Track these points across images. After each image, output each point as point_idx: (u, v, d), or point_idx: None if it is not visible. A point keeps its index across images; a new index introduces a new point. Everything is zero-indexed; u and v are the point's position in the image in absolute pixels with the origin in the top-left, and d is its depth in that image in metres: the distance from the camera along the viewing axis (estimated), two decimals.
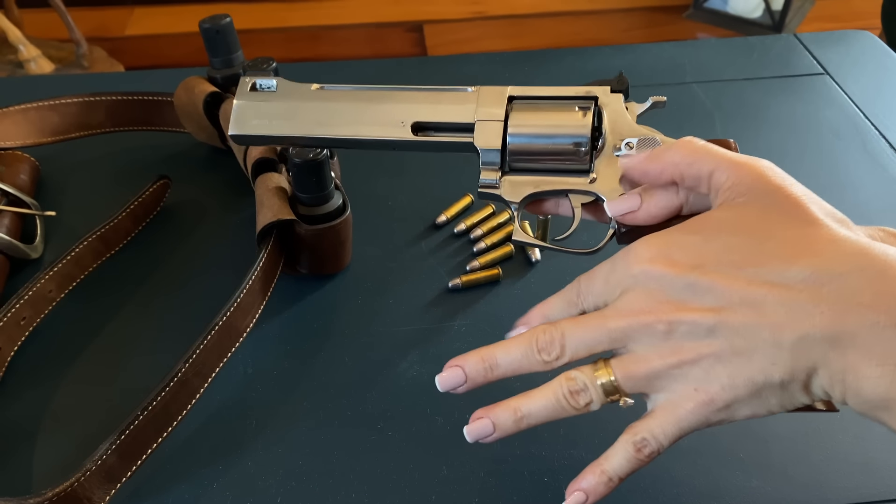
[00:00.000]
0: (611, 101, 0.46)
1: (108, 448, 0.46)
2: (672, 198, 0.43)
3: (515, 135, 0.46)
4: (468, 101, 0.47)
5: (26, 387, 0.55)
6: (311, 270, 0.62)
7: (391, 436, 0.52)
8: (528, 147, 0.46)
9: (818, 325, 0.34)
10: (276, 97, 0.50)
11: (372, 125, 0.48)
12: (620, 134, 0.45)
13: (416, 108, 0.48)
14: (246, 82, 0.50)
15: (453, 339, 0.58)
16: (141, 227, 0.67)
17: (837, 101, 0.82)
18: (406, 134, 0.48)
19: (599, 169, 0.45)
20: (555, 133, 0.45)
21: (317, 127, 0.49)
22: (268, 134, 0.49)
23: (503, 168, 0.47)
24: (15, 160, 0.69)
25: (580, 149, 0.45)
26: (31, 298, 0.57)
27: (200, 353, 0.51)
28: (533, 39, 2.32)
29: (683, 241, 0.39)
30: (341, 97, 0.49)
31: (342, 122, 0.49)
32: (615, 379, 0.40)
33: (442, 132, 0.48)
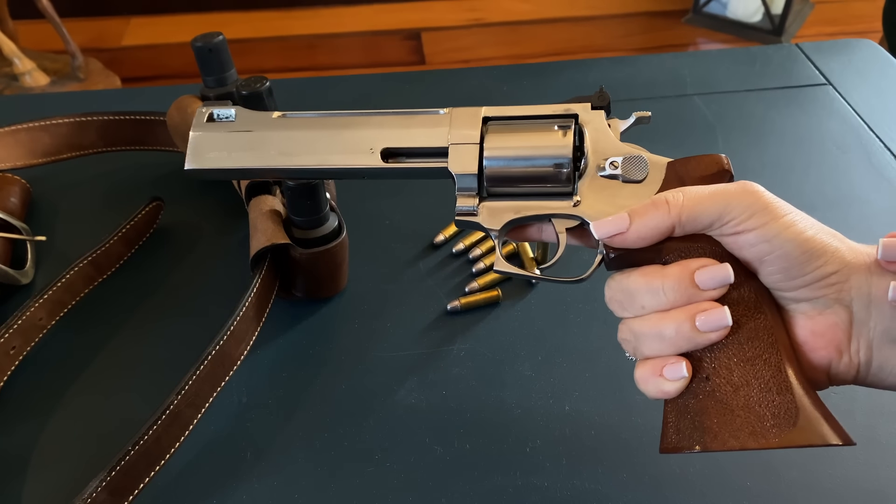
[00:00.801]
0: (592, 118, 0.44)
1: (99, 485, 0.44)
2: (663, 218, 0.40)
3: (492, 158, 0.43)
4: (440, 124, 0.45)
5: (16, 420, 0.53)
6: (306, 294, 0.61)
7: (389, 467, 0.50)
8: (507, 171, 0.43)
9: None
10: (235, 127, 0.47)
11: (339, 153, 0.46)
12: (604, 153, 0.43)
13: (386, 133, 0.45)
14: (203, 113, 0.48)
15: (452, 364, 0.57)
16: (133, 251, 0.66)
17: (841, 113, 0.81)
18: (376, 161, 0.45)
19: (583, 191, 0.43)
20: (534, 155, 0.43)
21: (280, 157, 0.46)
22: (227, 167, 0.47)
23: (481, 193, 0.44)
24: (5, 183, 0.68)
25: (562, 170, 0.43)
26: (20, 327, 0.55)
27: (193, 383, 0.49)
28: (531, 46, 2.31)
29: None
30: (305, 125, 0.47)
31: (307, 151, 0.46)
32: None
33: (414, 158, 0.45)
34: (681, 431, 0.39)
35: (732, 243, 0.39)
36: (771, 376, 0.37)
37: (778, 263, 0.37)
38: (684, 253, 0.39)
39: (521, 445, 0.51)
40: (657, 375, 0.39)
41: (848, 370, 0.38)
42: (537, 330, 0.59)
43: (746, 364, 0.38)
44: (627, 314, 0.41)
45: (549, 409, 0.53)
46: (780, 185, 0.40)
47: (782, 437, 0.36)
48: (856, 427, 0.51)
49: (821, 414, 0.36)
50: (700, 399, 0.38)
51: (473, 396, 0.54)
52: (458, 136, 0.44)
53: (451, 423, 0.53)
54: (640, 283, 0.40)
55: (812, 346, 0.38)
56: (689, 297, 0.38)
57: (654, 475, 0.49)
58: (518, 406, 0.54)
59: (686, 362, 0.38)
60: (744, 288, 0.38)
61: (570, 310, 0.60)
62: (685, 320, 0.38)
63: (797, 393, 0.37)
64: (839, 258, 0.37)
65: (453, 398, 0.54)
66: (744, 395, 0.37)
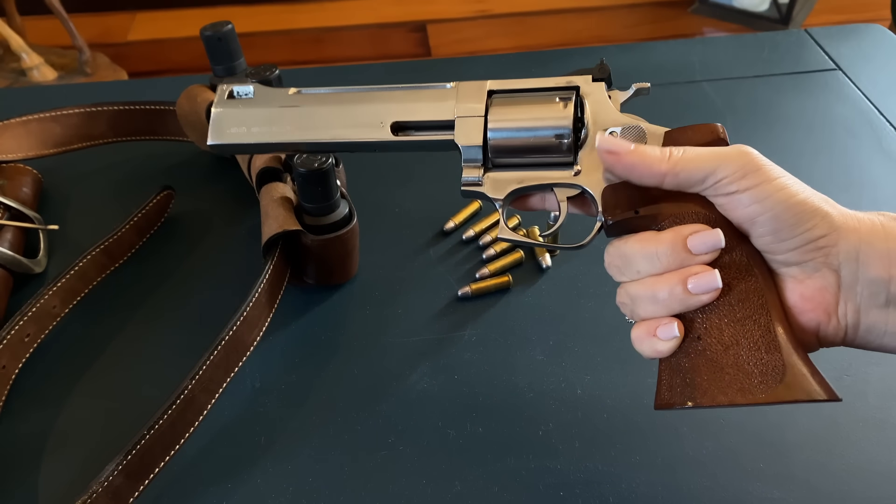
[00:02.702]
0: (593, 90, 0.45)
1: (115, 469, 0.45)
2: (660, 160, 0.40)
3: (496, 129, 0.45)
4: (447, 97, 0.46)
5: (32, 406, 0.54)
6: (317, 281, 0.61)
7: (402, 451, 0.51)
8: (510, 142, 0.45)
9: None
10: (254, 103, 0.48)
11: (351, 127, 0.47)
12: (604, 123, 0.44)
13: (395, 107, 0.47)
14: (224, 90, 0.49)
15: (464, 350, 0.57)
16: (145, 239, 0.66)
17: (851, 98, 0.80)
18: (386, 134, 0.47)
19: (584, 161, 0.44)
20: (536, 126, 0.44)
21: (296, 132, 0.48)
22: (247, 142, 0.48)
23: (486, 165, 0.46)
24: (17, 173, 0.68)
25: (562, 141, 0.44)
26: (35, 315, 0.56)
27: (207, 368, 0.50)
28: (537, 37, 2.30)
29: None
30: (319, 100, 0.48)
31: (321, 126, 0.47)
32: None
33: (422, 131, 0.47)
34: (673, 389, 0.40)
35: (726, 204, 0.39)
36: (760, 336, 0.38)
37: (768, 225, 0.38)
38: (679, 220, 0.40)
39: (533, 429, 0.51)
40: (651, 335, 0.40)
41: (836, 332, 0.39)
42: (548, 315, 0.59)
43: (736, 324, 0.39)
44: (625, 278, 0.42)
45: (561, 392, 0.53)
46: (790, 171, 0.40)
47: (769, 394, 0.37)
48: (868, 409, 0.51)
49: (808, 371, 0.37)
50: (692, 357, 0.40)
51: (485, 381, 0.54)
52: (464, 109, 0.46)
53: (464, 407, 0.53)
54: (636, 249, 0.41)
55: (801, 308, 0.39)
56: (681, 261, 0.40)
57: (667, 457, 0.49)
58: (530, 390, 0.54)
59: (678, 323, 0.40)
60: (735, 252, 0.40)
61: (582, 294, 0.60)
62: (678, 283, 0.39)
63: (785, 351, 0.38)
64: (829, 222, 0.37)
65: (465, 383, 0.54)
66: (733, 354, 0.39)
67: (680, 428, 0.51)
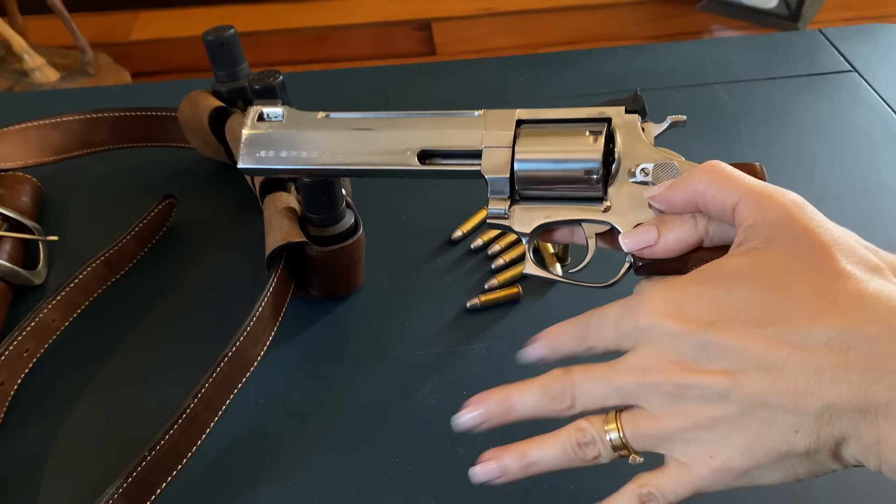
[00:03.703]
0: (625, 122, 0.43)
1: (115, 492, 0.43)
2: (691, 231, 0.39)
3: (523, 160, 0.44)
4: (475, 125, 0.46)
5: (30, 424, 0.53)
6: (322, 293, 0.60)
7: (410, 470, 0.49)
8: (537, 174, 0.43)
9: (845, 393, 0.31)
10: (283, 126, 0.49)
11: (378, 154, 0.47)
12: (636, 158, 0.42)
13: (422, 134, 0.46)
14: (254, 111, 0.49)
15: (472, 364, 0.55)
16: (146, 249, 0.65)
17: (867, 100, 0.79)
18: (412, 162, 0.46)
19: (613, 196, 0.43)
20: (564, 159, 0.43)
21: (323, 157, 0.48)
22: (276, 166, 0.49)
23: (513, 196, 0.45)
24: (16, 182, 0.67)
25: (591, 176, 0.42)
26: (34, 329, 0.55)
27: (210, 386, 0.48)
28: (543, 35, 2.28)
29: (698, 295, 0.36)
30: (346, 125, 0.48)
31: (348, 152, 0.47)
32: (623, 435, 0.37)
33: (449, 159, 0.46)
34: None
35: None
36: None
37: None
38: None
39: None
40: None
41: None
42: None
43: None
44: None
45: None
46: (805, 176, 0.39)
47: None
48: None
49: None
50: None
51: None
52: (492, 138, 0.45)
53: None
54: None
55: None
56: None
57: None
58: None
59: None
60: None
61: (593, 307, 0.58)
62: None
63: None
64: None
65: None
66: None
67: None
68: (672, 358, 0.35)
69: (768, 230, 0.35)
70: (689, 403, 0.35)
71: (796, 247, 0.34)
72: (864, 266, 0.34)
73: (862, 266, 0.34)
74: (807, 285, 0.33)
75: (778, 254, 0.34)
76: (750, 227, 0.36)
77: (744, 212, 0.36)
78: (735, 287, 0.35)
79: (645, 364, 0.36)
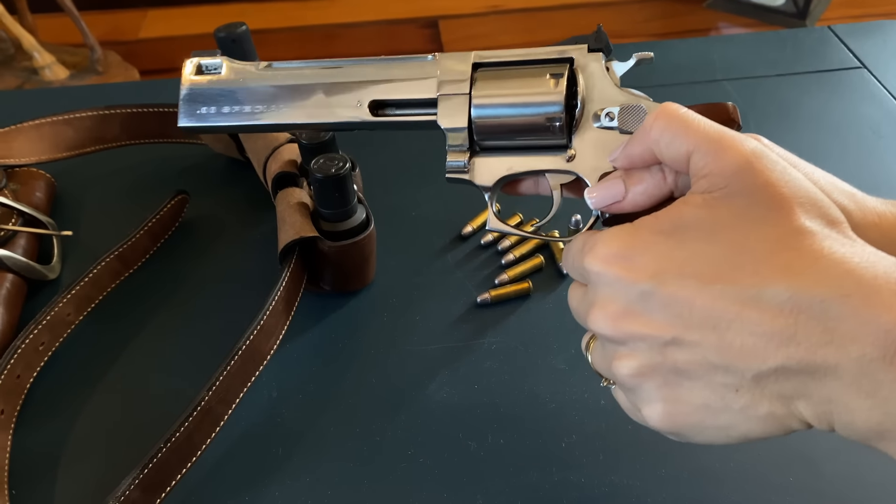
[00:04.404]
0: (588, 62, 0.40)
1: (131, 483, 0.44)
2: (659, 183, 0.37)
3: (480, 107, 0.40)
4: (428, 72, 0.42)
5: (46, 416, 0.53)
6: (334, 287, 0.60)
7: (422, 463, 0.50)
8: (496, 122, 0.40)
9: (794, 356, 0.30)
10: (224, 81, 0.45)
11: (326, 107, 0.43)
12: (601, 101, 0.39)
13: (373, 85, 0.43)
14: (191, 64, 0.45)
15: (483, 358, 0.56)
16: (159, 244, 0.65)
17: (877, 96, 0.79)
18: (364, 114, 0.43)
19: (578, 144, 0.40)
20: (525, 103, 0.39)
21: (268, 113, 0.44)
22: (219, 123, 0.45)
23: (472, 148, 0.42)
24: (30, 177, 0.68)
25: (554, 123, 0.39)
26: (49, 323, 0.55)
27: (224, 379, 0.49)
28: (550, 33, 2.28)
29: (649, 243, 0.34)
30: (291, 77, 0.44)
31: (294, 106, 0.44)
32: (591, 361, 0.40)
33: (402, 109, 0.43)
34: None
35: None
36: None
37: None
38: None
39: (556, 441, 0.50)
40: None
41: None
42: (570, 322, 0.56)
43: None
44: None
45: (584, 403, 0.52)
46: None
47: None
48: None
49: None
50: None
51: (506, 391, 0.53)
52: (447, 86, 0.41)
53: (485, 417, 0.52)
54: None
55: None
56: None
57: (694, 470, 0.48)
58: (552, 400, 0.53)
59: None
60: None
61: None
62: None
63: None
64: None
65: (486, 392, 0.53)
66: None
67: None
68: (614, 305, 0.35)
69: (725, 181, 0.33)
70: (627, 350, 0.35)
71: (754, 200, 0.32)
72: (825, 220, 0.32)
73: (822, 220, 0.32)
74: (761, 243, 0.32)
75: (735, 208, 0.33)
76: (705, 177, 0.34)
77: (699, 161, 0.34)
78: (688, 240, 0.33)
79: (591, 306, 0.36)
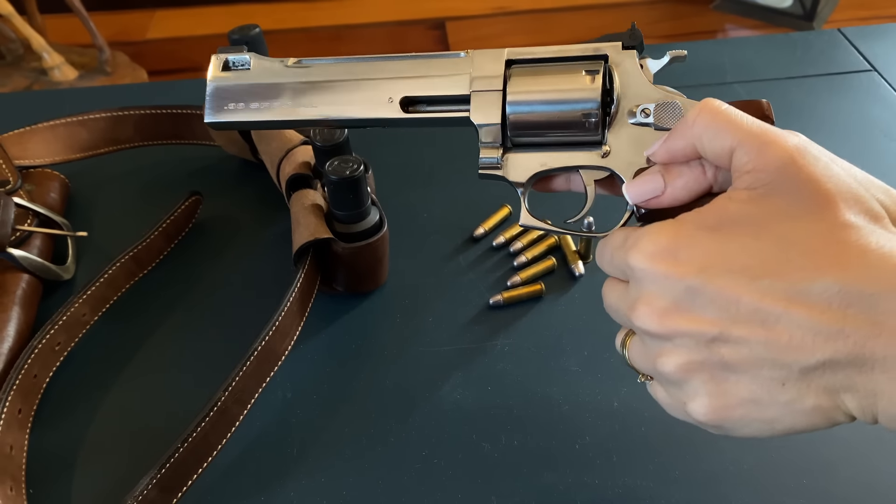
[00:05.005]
0: (623, 59, 0.40)
1: (149, 483, 0.44)
2: (699, 177, 0.37)
3: (515, 104, 0.40)
4: (461, 68, 0.42)
5: (62, 416, 0.54)
6: (347, 288, 0.61)
7: (437, 463, 0.50)
8: (531, 118, 0.40)
9: (842, 349, 0.30)
10: (252, 76, 0.45)
11: (357, 104, 0.43)
12: (635, 97, 0.39)
13: (405, 81, 0.42)
14: (218, 60, 0.45)
15: (497, 360, 0.56)
16: (173, 245, 0.66)
17: (887, 99, 0.79)
18: (395, 112, 0.42)
19: (613, 140, 0.40)
20: (560, 100, 0.39)
21: (298, 108, 0.44)
22: (246, 119, 0.45)
23: (505, 144, 0.41)
24: (45, 178, 0.68)
25: (589, 119, 0.39)
26: (65, 323, 0.55)
27: (240, 379, 0.49)
28: (558, 34, 2.28)
29: (694, 238, 0.34)
30: (321, 73, 0.44)
31: (324, 102, 0.44)
32: (629, 357, 0.40)
33: (435, 106, 0.43)
34: None
35: None
36: None
37: None
38: None
39: (570, 442, 0.50)
40: None
41: None
42: (582, 324, 0.58)
43: None
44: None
45: (597, 404, 0.52)
46: None
47: None
48: None
49: None
50: None
51: (519, 392, 0.54)
52: (480, 82, 0.41)
53: (498, 419, 0.52)
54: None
55: None
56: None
57: (707, 472, 0.48)
58: (565, 402, 0.53)
59: None
60: None
61: None
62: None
63: None
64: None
65: (499, 394, 0.54)
66: None
67: (720, 442, 0.50)
68: (660, 302, 0.35)
69: (770, 177, 0.33)
70: (672, 346, 0.35)
71: (799, 196, 0.33)
72: (868, 216, 0.32)
73: (866, 216, 0.32)
74: (808, 237, 0.32)
75: (780, 203, 0.33)
76: (749, 172, 0.34)
77: (742, 157, 0.34)
78: (734, 235, 0.33)
79: (635, 302, 0.36)
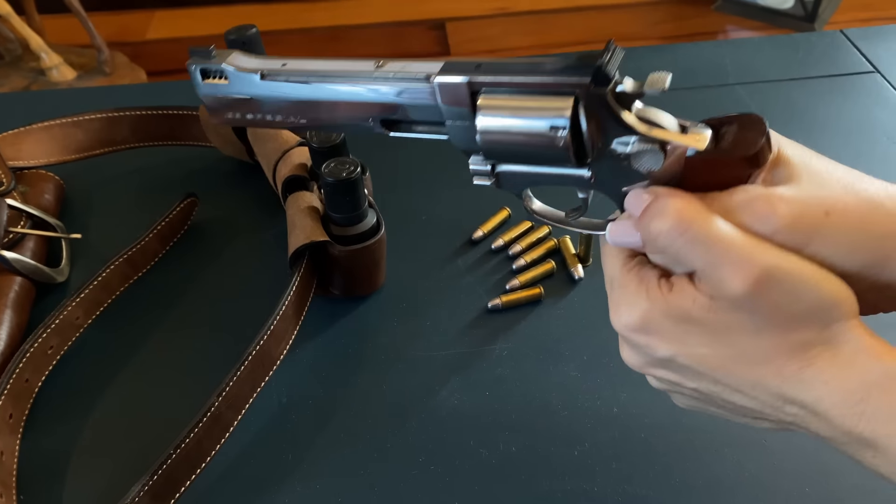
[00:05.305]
0: (592, 98, 0.35)
1: (140, 490, 0.44)
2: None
3: (488, 143, 0.38)
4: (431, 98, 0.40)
5: (54, 420, 0.53)
6: (344, 292, 0.60)
7: (434, 470, 0.49)
8: (507, 151, 0.38)
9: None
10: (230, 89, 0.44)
11: (342, 121, 0.43)
12: (614, 132, 0.36)
13: (382, 104, 0.41)
14: (196, 73, 0.44)
15: (495, 365, 0.55)
16: (168, 248, 0.65)
17: (890, 101, 0.78)
18: (378, 130, 0.42)
19: (596, 170, 0.37)
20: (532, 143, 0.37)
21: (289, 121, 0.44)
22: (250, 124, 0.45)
23: (492, 163, 0.40)
24: (39, 179, 0.68)
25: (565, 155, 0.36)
26: (58, 327, 0.55)
27: (234, 384, 0.48)
28: (558, 35, 2.27)
29: (662, 325, 0.36)
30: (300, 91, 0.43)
31: (312, 118, 0.44)
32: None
33: (415, 126, 0.42)
34: None
35: None
36: None
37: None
38: None
39: (569, 448, 0.50)
40: None
41: None
42: (582, 329, 0.57)
43: None
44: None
45: (596, 410, 0.52)
46: None
47: None
48: None
49: None
50: None
51: (518, 398, 0.53)
52: (450, 111, 0.39)
53: (496, 425, 0.51)
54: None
55: None
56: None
57: (708, 479, 0.48)
58: (564, 408, 0.52)
59: None
60: None
61: None
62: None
63: None
64: None
65: (497, 399, 0.53)
66: None
67: (721, 449, 0.49)
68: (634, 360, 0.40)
69: (728, 303, 0.33)
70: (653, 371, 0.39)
71: (756, 318, 0.33)
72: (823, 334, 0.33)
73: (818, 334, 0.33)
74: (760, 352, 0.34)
75: (738, 317, 0.34)
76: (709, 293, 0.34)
77: (704, 283, 0.34)
78: (692, 334, 0.35)
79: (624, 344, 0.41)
